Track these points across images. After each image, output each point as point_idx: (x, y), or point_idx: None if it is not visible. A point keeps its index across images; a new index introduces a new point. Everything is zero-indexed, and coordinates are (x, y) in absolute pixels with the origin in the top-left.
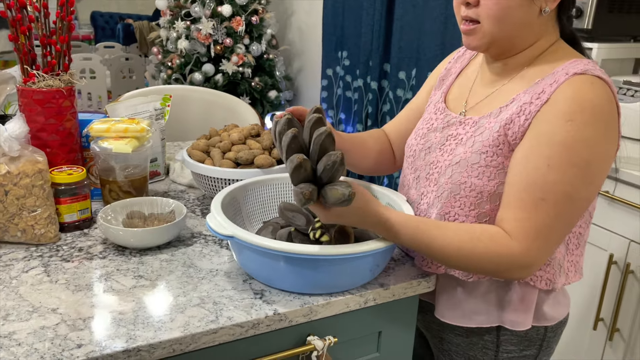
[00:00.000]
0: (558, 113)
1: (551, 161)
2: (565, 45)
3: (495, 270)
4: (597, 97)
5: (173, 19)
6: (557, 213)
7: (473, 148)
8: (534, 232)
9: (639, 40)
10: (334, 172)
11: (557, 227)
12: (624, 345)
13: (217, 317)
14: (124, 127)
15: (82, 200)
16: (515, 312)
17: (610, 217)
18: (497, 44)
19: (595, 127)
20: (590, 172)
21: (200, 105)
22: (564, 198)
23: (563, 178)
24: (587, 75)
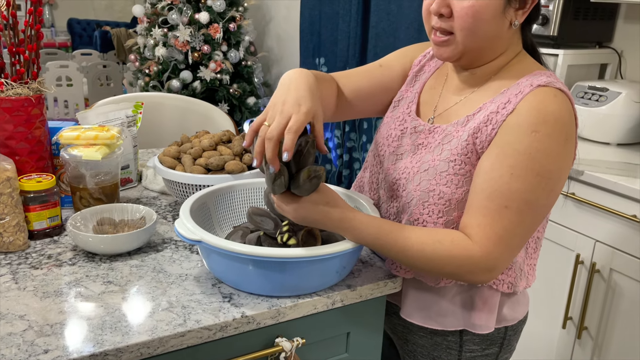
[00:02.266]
0: (523, 124)
1: (515, 170)
2: (528, 56)
3: (456, 273)
4: (559, 109)
5: (150, 26)
6: (520, 220)
7: (441, 156)
8: (496, 238)
9: (603, 46)
10: (304, 155)
11: (518, 233)
12: (592, 343)
13: (185, 321)
14: (94, 135)
15: (51, 208)
16: (479, 316)
17: (577, 218)
18: (468, 55)
19: (557, 139)
20: (551, 181)
21: (174, 112)
22: (526, 206)
23: (526, 187)
24: (550, 87)
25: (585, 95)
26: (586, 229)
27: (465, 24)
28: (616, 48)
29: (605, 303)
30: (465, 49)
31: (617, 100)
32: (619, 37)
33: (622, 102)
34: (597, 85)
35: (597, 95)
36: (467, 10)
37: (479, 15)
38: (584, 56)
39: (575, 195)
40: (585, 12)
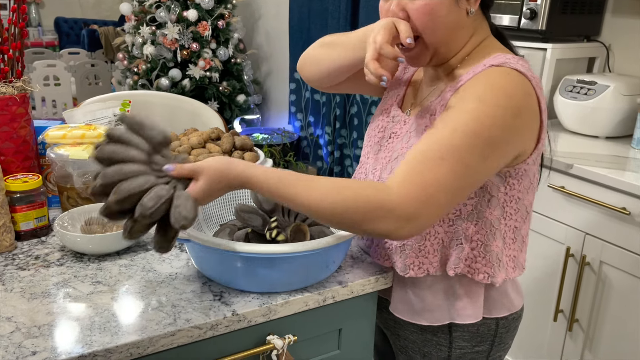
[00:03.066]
0: (469, 92)
1: (458, 127)
2: (495, 42)
3: (368, 220)
4: (510, 85)
5: (138, 24)
6: (452, 177)
7: (408, 143)
8: (422, 185)
9: (591, 40)
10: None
11: (448, 190)
12: (583, 335)
13: (175, 320)
14: (81, 133)
15: (38, 208)
16: (464, 306)
17: (566, 211)
18: (437, 54)
19: (504, 111)
20: (490, 149)
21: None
22: (461, 164)
23: (466, 145)
24: (503, 67)
25: (574, 89)
26: (576, 222)
27: (423, 22)
28: (604, 42)
29: (596, 295)
30: (432, 48)
31: (605, 94)
32: (606, 30)
33: (610, 96)
34: (585, 79)
35: (586, 89)
36: (422, 10)
37: (434, 12)
38: (572, 50)
39: (564, 189)
40: (573, 6)
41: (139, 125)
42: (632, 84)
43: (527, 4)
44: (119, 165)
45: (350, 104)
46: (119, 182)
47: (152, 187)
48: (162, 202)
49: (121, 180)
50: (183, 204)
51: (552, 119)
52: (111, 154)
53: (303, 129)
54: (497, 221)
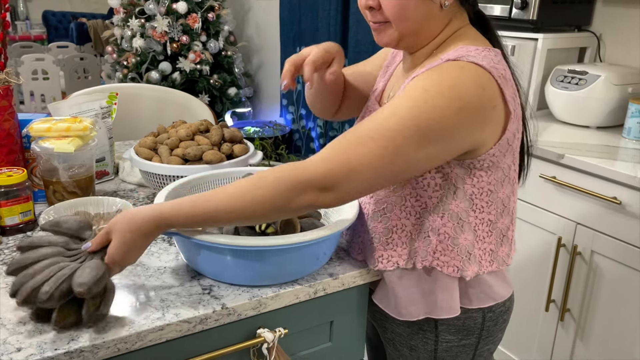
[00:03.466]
0: (417, 82)
1: (396, 111)
2: (470, 30)
3: (287, 198)
4: (462, 79)
5: (127, 17)
6: (380, 155)
7: None
8: (345, 158)
9: (582, 30)
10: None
11: (373, 167)
12: (574, 325)
13: (164, 314)
14: (66, 126)
15: (23, 203)
16: (438, 300)
17: (557, 201)
18: (406, 40)
19: (447, 102)
20: (426, 140)
21: (151, 103)
22: (393, 145)
23: (400, 128)
24: (459, 61)
25: (565, 79)
26: (567, 212)
27: (393, 12)
28: (595, 31)
29: (587, 285)
30: (401, 34)
31: (596, 84)
32: (597, 20)
33: (601, 85)
34: (576, 69)
35: (577, 79)
36: (393, 2)
37: (404, 4)
38: (563, 40)
39: (556, 179)
40: None
41: (55, 225)
42: (623, 74)
43: None
44: (27, 269)
45: None
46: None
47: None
48: (60, 281)
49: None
50: (80, 272)
51: (544, 109)
52: (20, 262)
53: (295, 121)
54: (465, 213)
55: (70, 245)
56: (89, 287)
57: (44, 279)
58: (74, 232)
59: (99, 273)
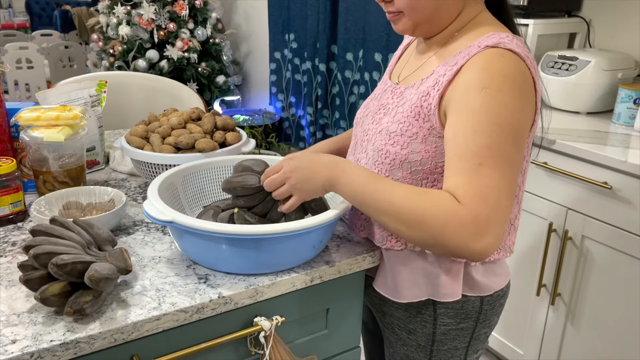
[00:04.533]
0: (470, 83)
1: (476, 127)
2: (489, 16)
3: (443, 234)
4: (507, 67)
5: (113, 4)
6: (499, 174)
7: (394, 118)
8: (480, 196)
9: (572, 16)
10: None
11: (502, 188)
12: (565, 309)
13: (160, 304)
14: (56, 115)
15: (13, 193)
16: (443, 284)
17: (548, 186)
18: (421, 27)
19: (509, 94)
20: (513, 134)
21: (141, 91)
22: (499, 159)
23: (492, 140)
24: (498, 48)
25: (556, 64)
26: (558, 197)
27: (405, 4)
28: (585, 17)
29: (578, 269)
30: (416, 21)
31: (586, 69)
32: (587, 6)
33: (591, 71)
34: (567, 55)
35: (567, 65)
36: None
37: None
38: (553, 25)
39: (547, 164)
40: None
41: (88, 225)
42: (613, 59)
43: None
44: (50, 237)
45: (332, 84)
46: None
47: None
48: (79, 260)
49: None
50: (100, 263)
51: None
52: (47, 229)
53: (284, 109)
54: None
55: (91, 247)
56: (102, 277)
57: (63, 252)
58: (100, 240)
59: (112, 275)
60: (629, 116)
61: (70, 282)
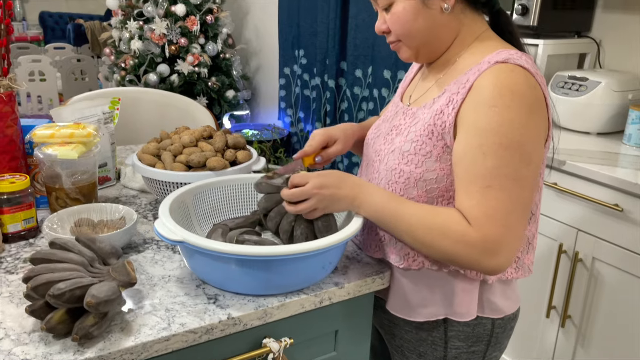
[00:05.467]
0: (480, 101)
1: (484, 148)
2: (494, 35)
3: (456, 253)
4: (516, 83)
5: (125, 19)
6: (507, 196)
7: (407, 137)
8: (488, 218)
9: (582, 36)
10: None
11: (511, 210)
12: (575, 331)
13: (170, 324)
14: (70, 132)
15: (26, 210)
16: (459, 303)
17: (559, 208)
18: (422, 52)
19: (518, 110)
20: (524, 151)
21: (152, 107)
22: (507, 180)
23: (500, 162)
24: (508, 63)
25: (566, 85)
26: (569, 218)
27: (397, 31)
28: (595, 37)
29: (588, 291)
30: (415, 48)
31: (596, 90)
32: (597, 26)
33: (601, 92)
34: (577, 75)
35: (577, 85)
36: (393, 19)
37: (402, 19)
38: (563, 46)
39: (557, 185)
40: (564, 2)
41: (90, 241)
42: (623, 80)
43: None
44: (49, 263)
45: (340, 100)
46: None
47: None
48: (76, 286)
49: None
50: (97, 286)
51: None
52: (46, 255)
53: (293, 124)
54: None
55: (95, 263)
56: (100, 301)
57: (62, 278)
58: (103, 254)
59: (112, 295)
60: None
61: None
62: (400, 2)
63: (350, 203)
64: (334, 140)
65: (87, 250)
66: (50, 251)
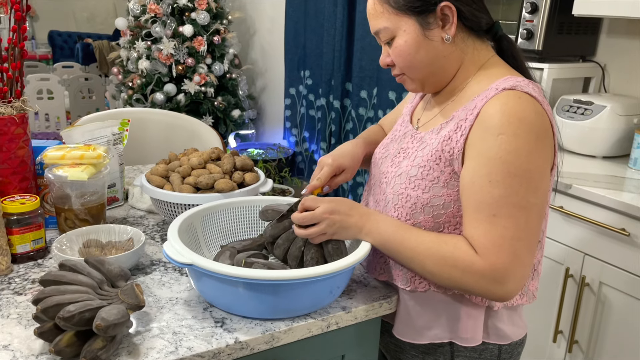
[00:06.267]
0: (488, 128)
1: (492, 177)
2: (500, 61)
3: (464, 282)
4: (523, 110)
5: (133, 39)
6: (514, 224)
7: (414, 162)
8: (495, 247)
9: (587, 60)
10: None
11: (518, 238)
12: (582, 357)
13: (177, 348)
14: (80, 154)
15: (35, 230)
16: (464, 328)
17: (565, 231)
18: (428, 83)
19: (525, 138)
20: (532, 179)
21: (160, 127)
22: (515, 209)
23: (507, 191)
24: (515, 90)
25: (571, 108)
26: (575, 242)
27: (401, 64)
28: (599, 62)
29: (595, 316)
30: (419, 79)
31: (602, 114)
32: (602, 51)
33: (607, 116)
34: (582, 99)
35: (583, 109)
36: (396, 53)
37: (404, 52)
38: (568, 70)
39: (563, 209)
40: (569, 26)
41: (99, 262)
42: (629, 104)
43: (523, 24)
44: (59, 285)
45: (345, 120)
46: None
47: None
48: (86, 309)
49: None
50: (107, 309)
51: None
52: (56, 276)
53: (298, 144)
54: None
55: (103, 285)
56: (109, 324)
57: (71, 301)
58: (112, 276)
59: (121, 319)
60: None
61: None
62: (402, 36)
63: (358, 231)
64: (342, 170)
65: (96, 272)
66: (60, 273)
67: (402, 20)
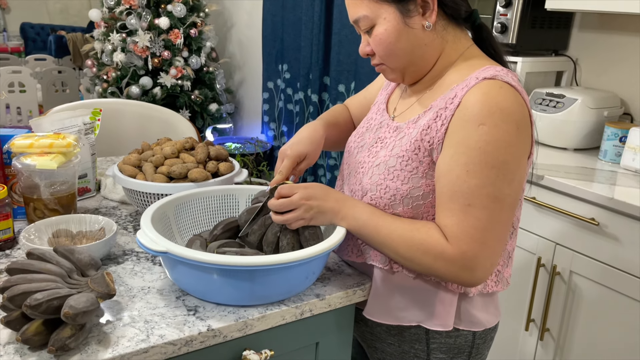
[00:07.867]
0: (470, 118)
1: (469, 167)
2: (479, 51)
3: (436, 268)
4: (505, 100)
5: (108, 31)
6: (487, 215)
7: (392, 152)
8: (467, 236)
9: (560, 54)
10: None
11: (490, 228)
12: (554, 344)
13: (148, 336)
14: (49, 142)
15: (3, 220)
16: (435, 313)
17: (537, 222)
18: (408, 72)
19: (506, 129)
20: (509, 171)
21: (134, 119)
22: (489, 200)
23: (484, 181)
24: (496, 80)
25: (544, 101)
26: (547, 232)
27: (381, 52)
28: (571, 56)
29: (566, 305)
30: (399, 69)
31: (573, 107)
32: (574, 45)
33: (578, 109)
34: (554, 92)
35: (555, 102)
36: (376, 41)
37: (384, 41)
38: (541, 64)
39: (535, 200)
40: (542, 20)
41: (69, 252)
42: (599, 98)
43: (497, 18)
44: (27, 274)
45: None
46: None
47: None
48: (53, 297)
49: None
50: (76, 297)
51: None
52: (23, 265)
53: (276, 138)
54: None
55: (73, 274)
56: (77, 312)
57: (39, 289)
58: (82, 265)
59: (90, 307)
60: (615, 153)
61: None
62: (382, 24)
63: (334, 216)
64: (303, 158)
65: (65, 261)
66: (28, 262)
67: (382, 8)
